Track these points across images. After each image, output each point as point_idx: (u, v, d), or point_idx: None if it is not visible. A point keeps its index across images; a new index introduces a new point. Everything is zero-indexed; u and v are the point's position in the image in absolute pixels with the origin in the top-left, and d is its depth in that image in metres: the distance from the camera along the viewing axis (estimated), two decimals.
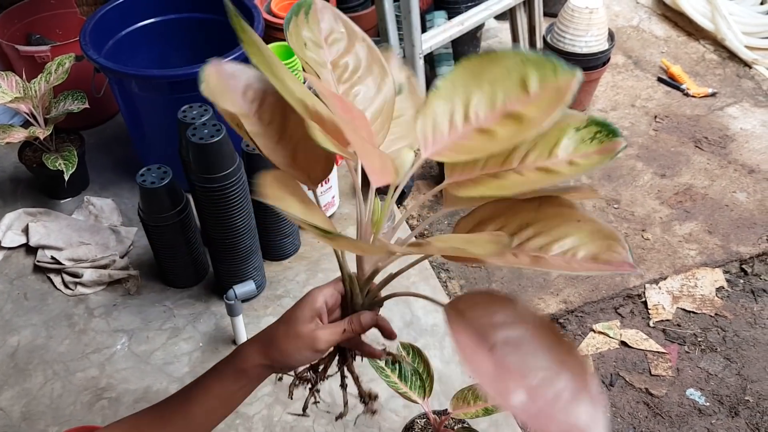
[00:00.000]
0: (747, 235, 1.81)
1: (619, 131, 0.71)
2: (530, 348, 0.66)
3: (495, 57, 0.76)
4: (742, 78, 2.32)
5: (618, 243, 0.70)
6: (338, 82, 0.80)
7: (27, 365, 1.46)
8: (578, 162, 0.71)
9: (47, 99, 1.70)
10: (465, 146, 0.75)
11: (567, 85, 0.72)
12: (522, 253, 0.72)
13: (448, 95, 0.77)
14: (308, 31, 0.79)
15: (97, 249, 1.66)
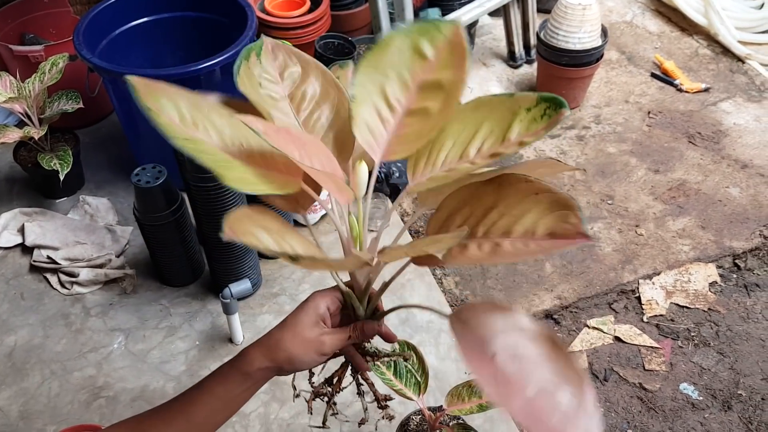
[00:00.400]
0: (740, 230, 1.82)
1: (564, 101, 0.72)
2: (530, 359, 0.68)
3: (383, 44, 0.79)
4: (735, 73, 2.33)
5: (572, 212, 0.70)
6: (297, 111, 0.82)
7: (24, 365, 1.46)
8: (527, 141, 0.73)
9: (41, 99, 1.70)
10: (407, 135, 0.78)
11: (454, 35, 0.77)
12: (487, 242, 0.74)
13: (365, 98, 0.80)
14: (262, 70, 0.81)
15: (93, 248, 1.67)
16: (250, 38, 1.66)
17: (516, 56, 2.35)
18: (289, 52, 0.83)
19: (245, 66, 0.80)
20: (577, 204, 0.70)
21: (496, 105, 0.76)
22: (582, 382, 0.66)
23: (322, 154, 0.73)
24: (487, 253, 0.72)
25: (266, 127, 0.67)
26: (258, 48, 0.81)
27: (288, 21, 1.99)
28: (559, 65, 2.08)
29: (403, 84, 0.79)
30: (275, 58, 0.82)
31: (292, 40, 1.98)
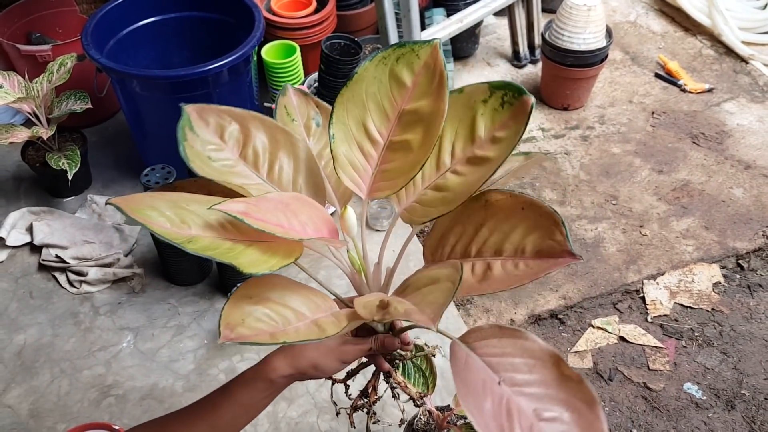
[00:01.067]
0: (743, 230, 1.83)
1: (523, 89, 0.71)
2: (538, 387, 0.68)
3: (359, 77, 0.77)
4: (738, 74, 2.34)
5: (557, 228, 0.70)
6: (256, 169, 0.80)
7: (34, 363, 1.48)
8: (500, 136, 0.72)
9: (49, 99, 1.71)
10: (390, 170, 0.77)
11: (431, 57, 0.74)
12: (479, 263, 0.74)
13: (345, 134, 0.78)
14: (201, 143, 0.78)
15: (101, 247, 1.68)
16: (258, 38, 1.67)
17: (520, 56, 2.35)
18: (218, 112, 0.81)
19: (188, 147, 0.77)
20: (561, 219, 0.70)
21: (450, 104, 0.74)
22: (594, 406, 0.66)
23: (307, 207, 0.73)
24: (478, 280, 0.72)
25: (247, 208, 0.66)
26: (186, 121, 0.78)
27: (294, 21, 2.00)
28: (563, 66, 2.08)
29: (383, 114, 0.78)
30: (207, 123, 0.79)
31: (298, 40, 1.99)
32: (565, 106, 2.20)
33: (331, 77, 1.84)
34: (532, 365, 0.70)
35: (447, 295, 0.66)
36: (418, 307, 0.67)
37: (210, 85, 1.63)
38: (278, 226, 0.67)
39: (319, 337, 0.68)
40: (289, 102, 0.88)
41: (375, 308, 0.70)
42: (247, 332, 0.65)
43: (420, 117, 0.75)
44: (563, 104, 2.19)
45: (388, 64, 0.76)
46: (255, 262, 0.67)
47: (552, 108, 2.22)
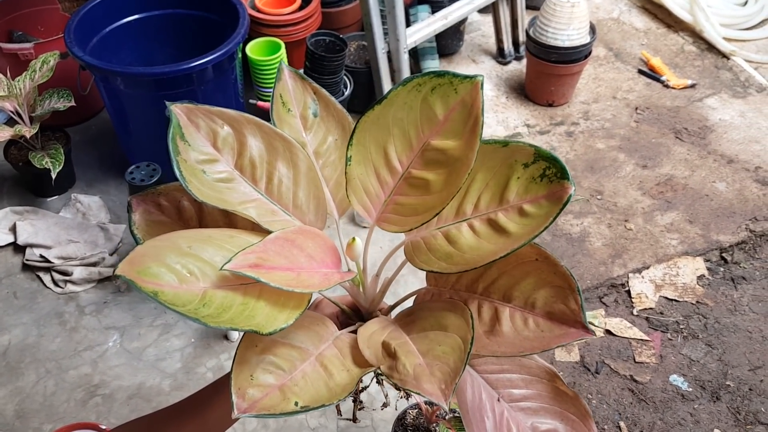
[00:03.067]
0: (727, 224, 1.85)
1: (567, 171, 0.67)
2: (535, 401, 0.70)
3: (388, 100, 0.72)
4: (720, 69, 2.36)
5: (572, 294, 0.68)
6: (254, 182, 0.74)
7: (19, 364, 1.46)
8: (528, 211, 0.68)
9: (32, 97, 1.69)
10: (404, 204, 0.73)
11: (470, 95, 0.69)
12: (487, 304, 0.71)
13: (364, 157, 0.74)
14: (195, 152, 0.71)
15: (86, 247, 1.66)
16: (242, 35, 1.67)
17: (505, 53, 2.36)
18: (209, 114, 0.74)
19: (182, 162, 0.70)
20: (576, 285, 0.68)
21: (489, 153, 0.71)
22: (587, 419, 0.69)
23: (310, 238, 0.69)
24: (486, 331, 0.69)
25: (257, 259, 0.62)
26: (177, 128, 0.71)
27: (279, 18, 1.99)
28: (548, 62, 2.09)
29: (407, 142, 0.73)
30: (198, 128, 0.73)
31: (283, 37, 1.98)
32: (549, 103, 2.21)
33: (316, 74, 1.83)
34: (529, 381, 0.71)
35: (458, 358, 0.63)
36: (427, 363, 0.64)
37: (194, 83, 1.62)
38: (289, 271, 0.63)
39: (327, 384, 0.65)
40: (285, 88, 0.82)
41: (381, 352, 0.68)
42: (258, 394, 0.62)
43: (446, 158, 0.71)
44: (548, 100, 2.20)
45: (421, 91, 0.71)
46: (270, 319, 0.62)
47: (537, 104, 2.23)
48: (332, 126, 0.83)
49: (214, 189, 0.71)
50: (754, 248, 1.80)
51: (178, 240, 0.66)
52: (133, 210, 0.73)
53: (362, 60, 2.10)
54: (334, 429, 1.35)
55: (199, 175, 0.70)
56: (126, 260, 0.61)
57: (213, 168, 0.72)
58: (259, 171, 0.75)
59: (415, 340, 0.68)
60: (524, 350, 0.66)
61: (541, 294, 0.69)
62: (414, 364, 0.64)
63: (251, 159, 0.75)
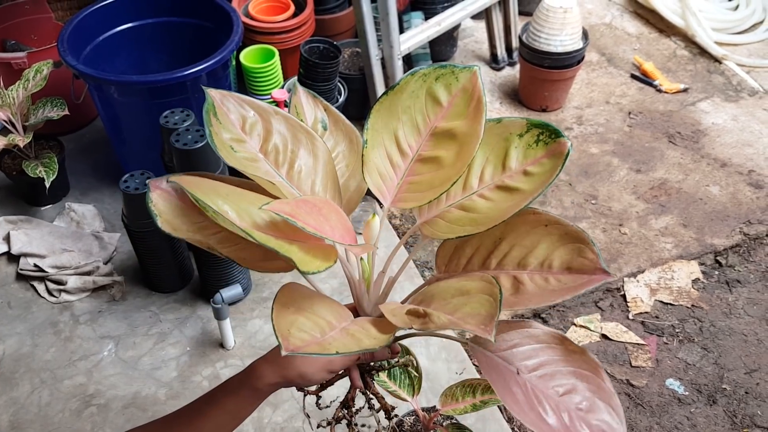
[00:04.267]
0: (721, 227, 1.86)
1: (560, 131, 0.73)
2: (549, 366, 0.74)
3: (398, 88, 0.79)
4: (712, 73, 2.37)
5: (587, 246, 0.73)
6: (276, 166, 0.80)
7: (13, 374, 1.45)
8: (532, 171, 0.74)
9: (25, 106, 1.69)
10: (418, 182, 0.78)
11: (470, 82, 0.76)
12: (503, 275, 0.76)
13: (377, 141, 0.80)
14: (226, 131, 0.78)
15: (81, 256, 1.66)
16: (236, 43, 1.67)
17: (498, 59, 2.37)
18: (239, 102, 0.81)
19: (213, 132, 0.77)
20: (589, 237, 0.72)
21: (486, 131, 0.76)
22: (598, 370, 0.73)
23: (334, 212, 0.74)
24: (510, 293, 0.74)
25: (292, 210, 0.66)
26: (210, 106, 0.78)
27: (272, 25, 1.99)
28: (541, 67, 2.10)
29: (415, 128, 0.79)
30: (229, 111, 0.80)
31: (277, 44, 1.98)
32: (543, 108, 2.22)
33: (310, 81, 1.84)
34: (539, 349, 0.76)
35: (490, 306, 0.67)
36: (458, 318, 0.68)
37: (189, 90, 1.62)
38: (317, 229, 0.68)
39: (359, 347, 0.69)
40: (299, 101, 0.89)
41: (406, 317, 0.71)
42: (298, 343, 0.66)
43: (454, 136, 0.77)
44: (541, 106, 2.21)
45: (427, 81, 0.78)
46: (305, 261, 0.68)
47: (530, 110, 2.23)
48: (340, 138, 0.89)
49: (240, 164, 0.77)
50: (748, 251, 1.81)
51: (216, 186, 0.73)
52: (151, 190, 0.78)
53: (356, 67, 2.10)
54: None
55: (228, 149, 0.77)
56: (185, 181, 0.69)
57: (241, 147, 0.79)
58: (282, 157, 0.81)
59: (438, 308, 0.72)
60: (550, 300, 0.72)
61: (556, 255, 0.74)
62: (447, 317, 0.69)
63: (275, 146, 0.81)
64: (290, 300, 0.72)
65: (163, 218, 0.76)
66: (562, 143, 0.73)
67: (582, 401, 0.72)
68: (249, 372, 0.81)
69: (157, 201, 0.77)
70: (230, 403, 0.81)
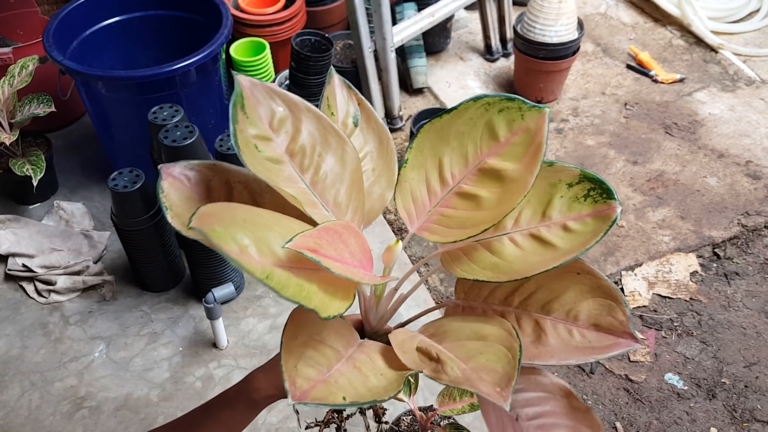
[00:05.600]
0: (719, 219, 1.84)
1: (613, 192, 0.68)
2: (550, 417, 0.70)
3: (456, 112, 0.73)
4: (709, 63, 2.35)
5: (618, 305, 0.68)
6: (301, 170, 0.74)
7: (2, 377, 1.43)
8: (573, 228, 0.68)
9: (11, 103, 1.65)
10: (450, 216, 0.73)
11: (536, 124, 0.70)
12: (526, 317, 0.72)
13: (419, 162, 0.74)
14: (252, 127, 0.71)
15: (70, 255, 1.63)
16: (226, 36, 1.63)
17: (493, 50, 2.34)
18: (269, 93, 0.74)
19: (238, 130, 0.70)
20: (622, 297, 0.68)
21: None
22: (599, 431, 0.70)
23: (353, 235, 0.69)
24: (531, 341, 0.70)
25: (315, 243, 0.61)
26: (239, 98, 0.70)
27: (263, 18, 1.96)
28: (536, 58, 2.07)
29: (463, 158, 0.74)
30: (258, 103, 0.72)
31: (267, 37, 1.95)
32: (538, 100, 2.19)
33: (302, 74, 1.80)
34: (544, 398, 0.72)
35: (508, 364, 0.63)
36: (472, 369, 0.64)
37: (178, 85, 1.59)
38: (338, 261, 0.63)
39: (366, 387, 0.64)
40: (332, 92, 0.82)
41: (416, 356, 0.67)
42: (305, 386, 0.62)
43: (501, 178, 0.71)
44: (537, 97, 2.18)
45: (489, 111, 0.72)
46: (324, 305, 0.62)
47: None
48: (370, 138, 0.83)
49: (264, 166, 0.70)
50: (746, 243, 1.79)
51: (234, 210, 0.67)
52: (162, 178, 0.72)
53: (348, 59, 2.07)
54: None
55: (252, 149, 0.70)
56: (197, 216, 0.61)
57: (266, 146, 0.72)
58: (308, 160, 0.74)
59: (450, 349, 0.68)
60: (575, 359, 0.67)
61: (584, 306, 0.69)
62: (461, 368, 0.64)
63: (302, 146, 0.74)
64: (299, 327, 0.67)
65: (173, 212, 0.70)
66: (613, 207, 0.67)
67: None
68: (245, 383, 0.79)
69: (169, 191, 0.71)
70: (226, 415, 0.79)
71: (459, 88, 2.25)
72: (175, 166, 0.73)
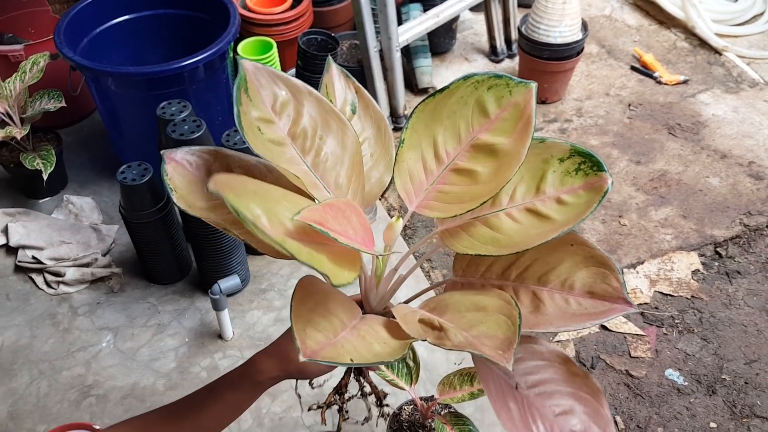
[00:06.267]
0: (721, 218, 1.85)
1: (603, 164, 0.70)
2: (549, 385, 0.73)
3: (448, 91, 0.75)
4: (712, 65, 2.36)
5: (611, 272, 0.70)
6: (303, 152, 0.76)
7: (12, 365, 1.45)
8: (567, 200, 0.70)
9: (23, 98, 1.68)
10: (448, 192, 0.75)
11: (523, 99, 0.72)
12: (523, 289, 0.74)
13: (415, 142, 0.77)
14: (255, 109, 0.74)
15: (79, 248, 1.66)
16: (233, 34, 1.66)
17: (498, 51, 2.36)
18: (273, 78, 0.76)
19: (242, 112, 0.72)
20: (615, 265, 0.70)
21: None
22: (598, 396, 0.72)
23: (354, 212, 0.71)
24: (529, 311, 0.72)
25: (321, 216, 0.63)
26: (243, 81, 0.73)
27: (270, 18, 1.99)
28: (540, 59, 2.09)
29: (456, 135, 0.76)
30: (261, 87, 0.75)
31: (275, 36, 1.98)
32: (542, 100, 2.21)
33: (308, 73, 1.83)
34: (542, 366, 0.74)
35: (508, 329, 0.65)
36: (474, 336, 0.66)
37: (186, 82, 1.61)
38: (349, 240, 0.65)
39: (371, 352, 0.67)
40: (331, 80, 0.84)
41: (419, 327, 0.69)
42: (315, 346, 0.64)
43: (494, 152, 0.73)
44: (541, 98, 2.20)
45: (478, 89, 0.74)
46: (335, 273, 0.64)
47: None
48: (368, 124, 0.85)
49: (266, 147, 0.73)
50: (748, 242, 1.80)
51: (245, 182, 0.69)
52: (165, 162, 0.74)
53: (354, 59, 2.09)
54: (330, 426, 1.34)
55: (255, 131, 0.73)
56: (213, 180, 0.63)
57: (268, 128, 0.74)
58: (310, 143, 0.77)
59: (452, 320, 0.70)
60: (570, 325, 0.70)
61: (579, 276, 0.72)
62: (464, 335, 0.66)
63: (304, 129, 0.76)
64: (307, 295, 0.70)
65: (178, 193, 0.72)
66: (603, 178, 0.69)
67: (577, 424, 0.71)
68: (249, 365, 0.81)
69: (173, 174, 0.74)
70: (230, 395, 0.81)
71: None
72: (177, 152, 0.76)
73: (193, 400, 0.83)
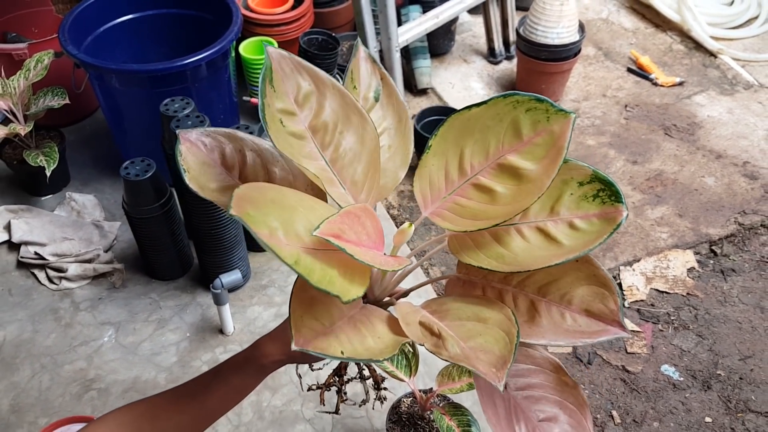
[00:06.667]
0: (716, 217, 1.88)
1: (622, 196, 0.68)
2: (537, 390, 0.74)
3: (485, 105, 0.73)
4: (708, 67, 2.39)
5: (611, 294, 0.70)
6: (322, 147, 0.75)
7: (14, 359, 1.47)
8: (579, 226, 0.69)
9: (26, 96, 1.70)
10: (464, 206, 0.74)
11: (560, 128, 0.70)
12: (522, 297, 0.74)
13: (441, 150, 0.75)
14: (279, 101, 0.73)
15: (81, 244, 1.67)
16: (235, 33, 1.68)
17: (496, 53, 2.39)
18: (297, 67, 0.75)
19: (267, 107, 0.71)
20: (616, 287, 0.70)
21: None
22: (584, 408, 0.74)
23: (369, 217, 0.70)
24: (525, 321, 0.72)
25: (339, 229, 0.63)
26: (268, 71, 0.72)
27: (272, 18, 2.01)
28: (538, 60, 2.12)
29: (484, 151, 0.74)
30: (285, 76, 0.73)
31: (276, 36, 2.00)
32: None
33: None
34: (533, 371, 0.75)
35: (505, 347, 0.65)
36: (471, 348, 0.67)
37: (188, 80, 1.63)
38: (357, 246, 0.65)
39: (363, 346, 0.67)
40: (357, 65, 0.83)
41: (419, 330, 0.70)
42: (309, 334, 0.65)
43: (519, 176, 0.71)
44: None
45: (516, 109, 0.72)
46: (345, 289, 0.64)
47: None
48: (390, 114, 0.83)
49: (287, 141, 0.72)
50: (743, 241, 1.83)
51: (266, 191, 0.69)
52: (180, 142, 0.75)
53: None
54: (329, 419, 1.35)
55: (277, 123, 0.72)
56: (234, 201, 0.63)
57: (290, 120, 0.74)
58: (329, 137, 0.76)
59: (451, 327, 0.70)
60: (564, 341, 0.69)
61: (578, 292, 0.71)
62: (461, 347, 0.67)
63: (325, 123, 0.75)
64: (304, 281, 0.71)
65: (191, 174, 0.73)
66: (619, 210, 0.68)
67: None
68: (254, 349, 0.82)
69: (186, 155, 0.74)
70: (235, 379, 0.82)
71: (462, 89, 2.29)
72: (192, 132, 0.76)
73: (198, 384, 0.84)
